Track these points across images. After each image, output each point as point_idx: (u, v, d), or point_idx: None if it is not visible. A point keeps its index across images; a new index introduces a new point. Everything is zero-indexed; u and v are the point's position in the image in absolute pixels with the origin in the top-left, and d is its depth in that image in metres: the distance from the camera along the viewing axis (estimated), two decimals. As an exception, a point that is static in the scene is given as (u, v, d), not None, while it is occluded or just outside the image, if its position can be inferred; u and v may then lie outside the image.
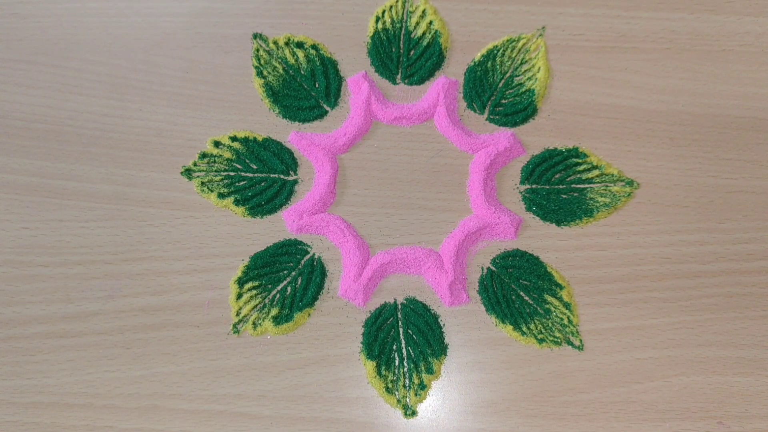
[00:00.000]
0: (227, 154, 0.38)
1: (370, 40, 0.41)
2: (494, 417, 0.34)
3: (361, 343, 0.35)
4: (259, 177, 0.38)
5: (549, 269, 0.37)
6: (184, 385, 0.34)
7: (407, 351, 0.35)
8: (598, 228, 0.38)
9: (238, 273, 0.36)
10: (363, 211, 0.38)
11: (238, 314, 0.35)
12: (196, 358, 0.35)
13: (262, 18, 0.41)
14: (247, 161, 0.38)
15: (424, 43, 0.41)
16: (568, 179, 0.38)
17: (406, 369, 0.35)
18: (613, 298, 0.36)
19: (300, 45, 0.41)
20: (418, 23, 0.41)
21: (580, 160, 0.39)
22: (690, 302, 0.36)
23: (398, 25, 0.41)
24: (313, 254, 0.37)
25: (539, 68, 0.40)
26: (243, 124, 0.39)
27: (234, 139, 0.39)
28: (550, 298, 0.36)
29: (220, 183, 0.38)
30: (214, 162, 0.38)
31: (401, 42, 0.41)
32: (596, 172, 0.38)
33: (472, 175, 0.38)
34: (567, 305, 0.36)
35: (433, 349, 0.35)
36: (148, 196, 0.38)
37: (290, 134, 0.39)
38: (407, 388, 0.35)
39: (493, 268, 0.37)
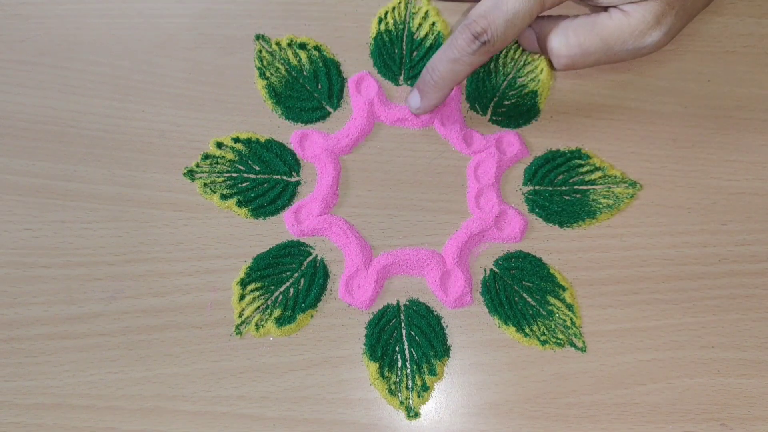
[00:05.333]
0: (230, 156, 0.38)
1: (372, 42, 0.41)
2: (497, 419, 0.34)
3: (364, 344, 0.35)
4: (261, 178, 0.38)
5: (552, 271, 0.37)
6: (187, 386, 0.34)
7: (410, 353, 0.35)
8: (601, 230, 0.38)
9: (241, 274, 0.36)
10: (365, 212, 0.38)
11: (240, 316, 0.35)
12: (198, 360, 0.35)
13: (264, 19, 0.41)
14: (249, 162, 0.38)
15: (427, 44, 0.41)
16: (571, 181, 0.38)
17: (408, 370, 0.35)
18: (616, 300, 0.36)
19: (303, 46, 0.41)
20: (420, 24, 0.41)
21: (583, 162, 0.39)
22: (693, 304, 0.36)
23: (401, 27, 0.41)
24: (316, 255, 0.37)
25: (542, 69, 0.40)
26: (245, 125, 0.39)
27: (237, 140, 0.39)
28: (553, 300, 0.36)
29: (223, 184, 0.38)
30: (217, 163, 0.38)
31: (404, 43, 0.41)
32: (599, 173, 0.38)
33: (469, 177, 0.38)
34: (570, 307, 0.36)
35: (435, 351, 0.35)
36: (150, 197, 0.38)
37: (292, 135, 0.39)
38: (410, 389, 0.35)
39: (496, 270, 0.37)
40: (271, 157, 0.38)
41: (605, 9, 0.30)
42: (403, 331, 0.36)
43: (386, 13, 0.41)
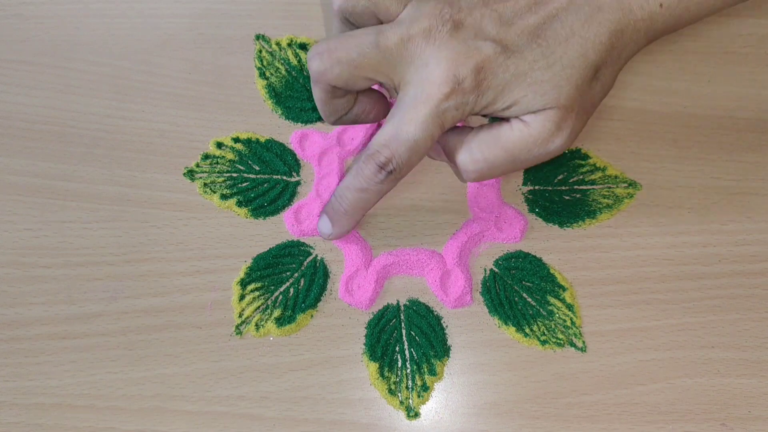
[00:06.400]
0: (230, 156, 0.38)
1: (372, 42, 0.41)
2: (497, 419, 0.34)
3: (364, 344, 0.35)
4: (261, 178, 0.38)
5: (552, 271, 0.37)
6: (187, 386, 0.34)
7: (410, 353, 0.35)
8: (601, 229, 0.38)
9: (241, 274, 0.36)
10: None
11: (240, 316, 0.35)
12: (198, 360, 0.35)
13: (264, 19, 0.41)
14: (249, 162, 0.38)
15: (427, 44, 0.41)
16: (570, 181, 0.38)
17: (408, 371, 0.35)
18: (615, 300, 0.36)
19: (303, 46, 0.41)
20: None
21: (582, 162, 0.39)
22: (693, 304, 0.36)
23: (401, 27, 0.41)
24: (316, 255, 0.37)
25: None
26: (245, 125, 0.39)
27: (236, 140, 0.39)
28: (553, 300, 0.36)
29: (223, 184, 0.38)
30: (217, 163, 0.38)
31: (404, 43, 0.41)
32: (599, 173, 0.38)
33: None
34: (570, 307, 0.36)
35: (435, 351, 0.35)
36: (150, 197, 0.38)
37: (292, 135, 0.39)
38: (410, 389, 0.35)
39: (496, 270, 0.37)
40: (271, 157, 0.38)
41: (506, 119, 0.30)
42: (403, 331, 0.36)
43: (386, 13, 0.41)
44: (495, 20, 0.29)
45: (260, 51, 0.40)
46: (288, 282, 0.36)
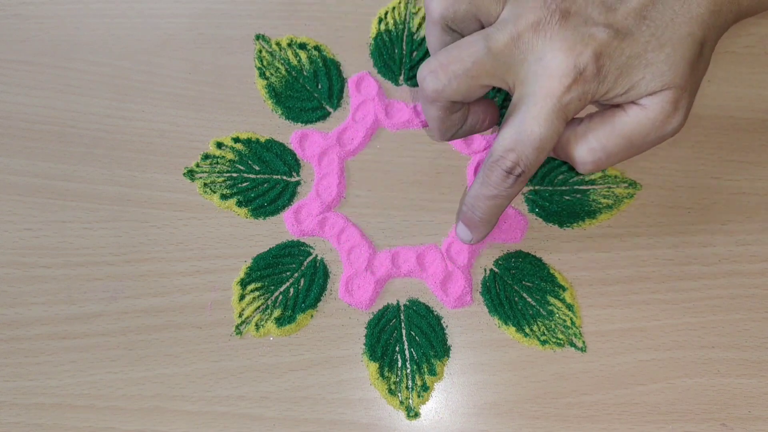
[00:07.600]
0: (230, 156, 0.38)
1: (372, 42, 0.41)
2: (497, 419, 0.34)
3: (364, 344, 0.35)
4: (261, 178, 0.38)
5: (552, 271, 0.37)
6: (187, 386, 0.34)
7: (410, 353, 0.35)
8: (601, 229, 0.38)
9: (241, 274, 0.36)
10: (365, 212, 0.38)
11: (240, 316, 0.35)
12: (198, 360, 0.35)
13: (264, 19, 0.41)
14: (249, 162, 0.38)
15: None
16: (570, 181, 0.38)
17: (408, 371, 0.35)
18: (615, 300, 0.36)
19: (302, 46, 0.41)
20: (420, 24, 0.41)
21: (582, 162, 0.39)
22: (693, 304, 0.36)
23: (401, 27, 0.41)
24: (316, 255, 0.37)
25: (542, 70, 0.40)
26: (245, 125, 0.39)
27: (236, 140, 0.39)
28: (553, 300, 0.36)
29: (223, 184, 0.38)
30: (217, 163, 0.38)
31: (404, 43, 0.41)
32: (599, 173, 0.38)
33: (470, 177, 0.38)
34: (570, 307, 0.36)
35: (435, 351, 0.35)
36: (150, 197, 0.38)
37: (292, 135, 0.39)
38: (410, 389, 0.35)
39: (496, 270, 0.37)
40: (271, 157, 0.38)
41: (619, 105, 0.30)
42: (403, 331, 0.36)
43: (386, 13, 0.41)
44: (599, 5, 0.28)
45: (260, 51, 0.41)
46: (288, 282, 0.36)
